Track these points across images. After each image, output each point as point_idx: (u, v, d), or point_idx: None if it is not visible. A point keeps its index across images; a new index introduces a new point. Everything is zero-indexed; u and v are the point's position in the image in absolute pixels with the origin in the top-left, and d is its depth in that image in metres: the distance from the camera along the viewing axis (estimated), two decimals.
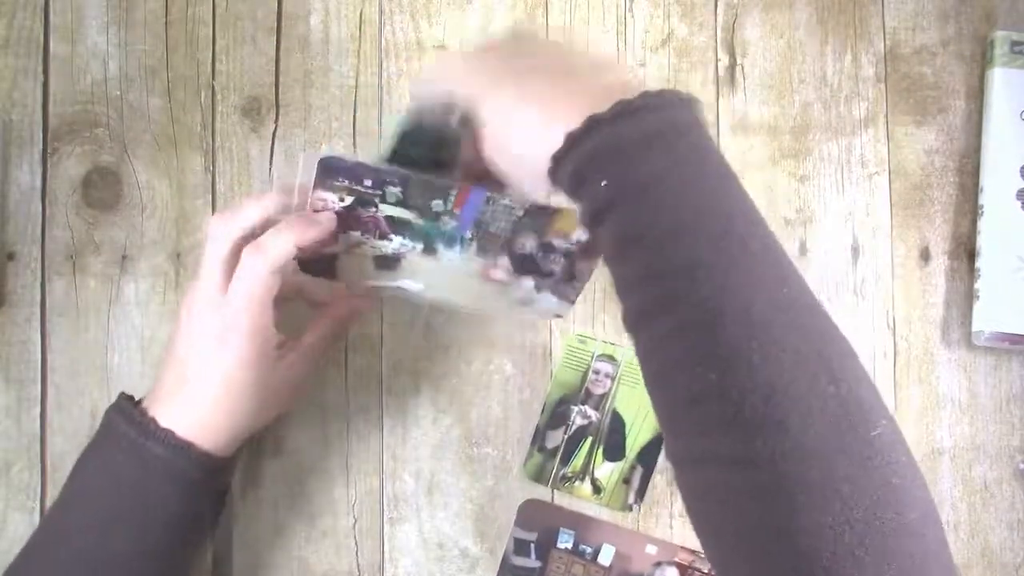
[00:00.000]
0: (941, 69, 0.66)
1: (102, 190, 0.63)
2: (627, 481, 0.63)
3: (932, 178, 0.65)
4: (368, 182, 0.50)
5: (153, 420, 0.50)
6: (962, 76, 0.66)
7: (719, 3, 0.66)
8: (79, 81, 0.64)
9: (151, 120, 0.64)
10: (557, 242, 0.53)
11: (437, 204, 0.51)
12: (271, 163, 0.64)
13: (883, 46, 0.66)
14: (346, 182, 0.50)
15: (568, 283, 0.55)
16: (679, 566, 0.62)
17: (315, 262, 0.53)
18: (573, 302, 0.56)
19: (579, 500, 0.63)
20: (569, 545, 0.62)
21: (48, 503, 0.61)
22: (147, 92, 0.64)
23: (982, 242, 0.63)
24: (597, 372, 0.63)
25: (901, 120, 0.66)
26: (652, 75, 0.65)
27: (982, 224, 0.63)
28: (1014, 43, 0.64)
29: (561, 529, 0.62)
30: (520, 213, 0.51)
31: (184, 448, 0.50)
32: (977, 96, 0.65)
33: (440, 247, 0.53)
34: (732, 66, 0.66)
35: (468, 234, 0.52)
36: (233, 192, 0.63)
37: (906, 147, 0.66)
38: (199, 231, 0.63)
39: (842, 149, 0.65)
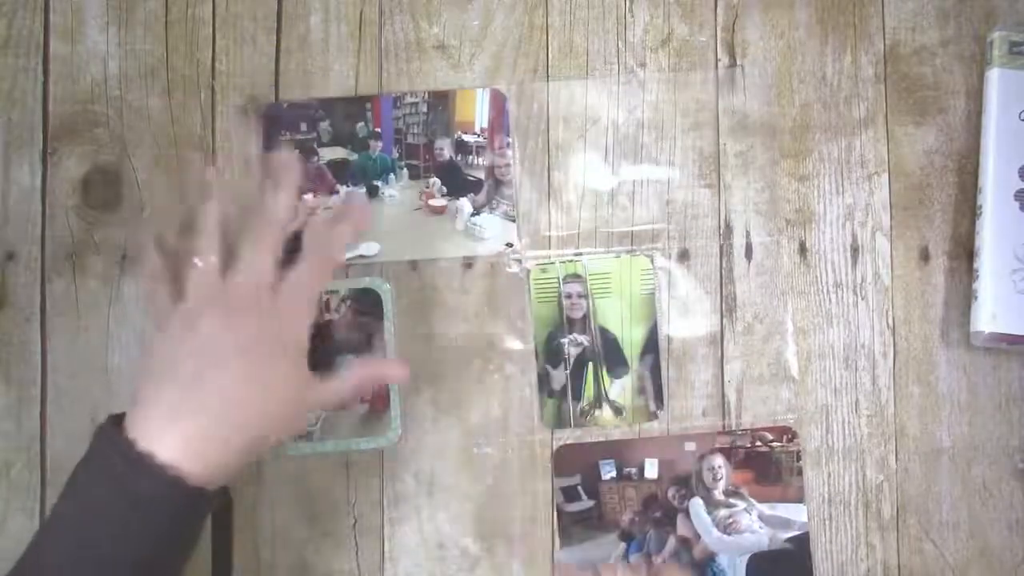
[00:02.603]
0: (941, 69, 0.66)
1: (102, 190, 0.63)
2: (642, 391, 0.63)
3: (932, 178, 0.65)
4: (303, 126, 0.61)
5: (147, 455, 0.43)
6: (962, 76, 0.66)
7: (719, 3, 0.66)
8: (79, 81, 0.64)
9: (151, 120, 0.64)
10: (467, 137, 0.62)
11: (360, 127, 0.63)
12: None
13: (883, 46, 0.66)
14: (288, 134, 0.61)
15: (498, 191, 0.60)
16: (721, 451, 0.63)
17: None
18: (514, 219, 0.62)
19: (605, 427, 0.63)
20: (613, 473, 0.62)
21: (48, 503, 0.61)
22: (147, 92, 0.64)
23: (981, 242, 0.63)
24: (569, 296, 0.63)
25: (901, 120, 0.66)
26: (652, 75, 0.65)
27: (981, 224, 0.63)
28: (1013, 43, 0.64)
29: (600, 462, 0.62)
30: (424, 108, 0.62)
31: (176, 483, 0.43)
32: (977, 96, 0.65)
33: (380, 185, 0.63)
34: (732, 66, 0.66)
35: (396, 153, 0.62)
36: None
37: (906, 147, 0.66)
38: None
39: (842, 149, 0.65)
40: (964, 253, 0.65)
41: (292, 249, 0.51)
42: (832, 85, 0.66)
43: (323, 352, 0.60)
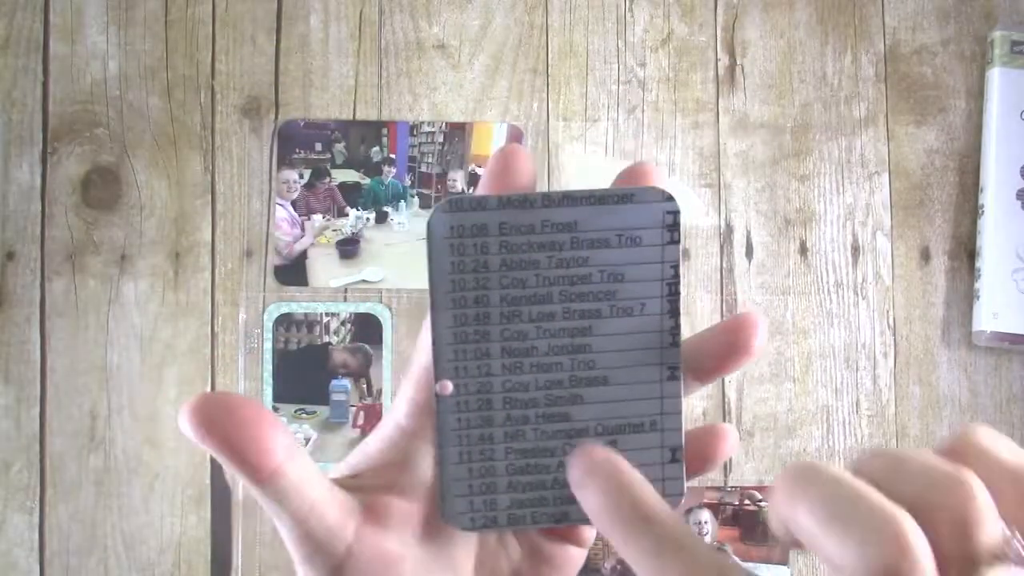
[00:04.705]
0: (941, 69, 0.66)
1: (101, 190, 0.63)
2: None
3: (932, 178, 0.65)
4: (318, 146, 0.61)
5: None
6: (962, 76, 0.66)
7: (719, 3, 0.66)
8: (79, 81, 0.64)
9: (151, 120, 0.64)
10: (481, 171, 0.61)
11: (375, 152, 0.63)
12: (271, 163, 0.64)
13: (883, 46, 0.66)
14: (302, 152, 0.61)
15: None
16: (709, 506, 0.63)
17: (288, 268, 0.59)
18: None
19: None
20: None
21: (47, 503, 0.61)
22: (147, 92, 0.64)
23: (982, 242, 0.63)
24: None
25: (901, 120, 0.66)
26: (652, 75, 0.65)
27: (982, 224, 0.63)
28: (1014, 43, 0.64)
29: None
30: (441, 139, 0.62)
31: None
32: (977, 96, 0.65)
33: (389, 211, 0.63)
34: (732, 66, 0.66)
35: (408, 181, 0.63)
36: (232, 192, 0.63)
37: (906, 147, 0.66)
38: (198, 231, 0.63)
39: (842, 149, 0.65)
40: (965, 253, 0.65)
41: None
42: (832, 85, 0.66)
43: (319, 374, 0.61)
